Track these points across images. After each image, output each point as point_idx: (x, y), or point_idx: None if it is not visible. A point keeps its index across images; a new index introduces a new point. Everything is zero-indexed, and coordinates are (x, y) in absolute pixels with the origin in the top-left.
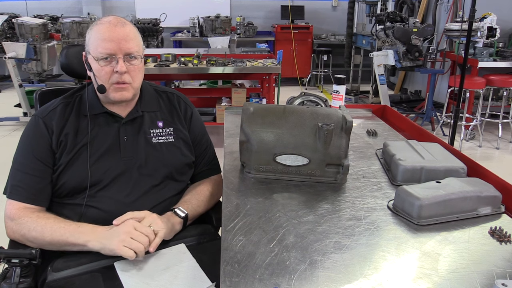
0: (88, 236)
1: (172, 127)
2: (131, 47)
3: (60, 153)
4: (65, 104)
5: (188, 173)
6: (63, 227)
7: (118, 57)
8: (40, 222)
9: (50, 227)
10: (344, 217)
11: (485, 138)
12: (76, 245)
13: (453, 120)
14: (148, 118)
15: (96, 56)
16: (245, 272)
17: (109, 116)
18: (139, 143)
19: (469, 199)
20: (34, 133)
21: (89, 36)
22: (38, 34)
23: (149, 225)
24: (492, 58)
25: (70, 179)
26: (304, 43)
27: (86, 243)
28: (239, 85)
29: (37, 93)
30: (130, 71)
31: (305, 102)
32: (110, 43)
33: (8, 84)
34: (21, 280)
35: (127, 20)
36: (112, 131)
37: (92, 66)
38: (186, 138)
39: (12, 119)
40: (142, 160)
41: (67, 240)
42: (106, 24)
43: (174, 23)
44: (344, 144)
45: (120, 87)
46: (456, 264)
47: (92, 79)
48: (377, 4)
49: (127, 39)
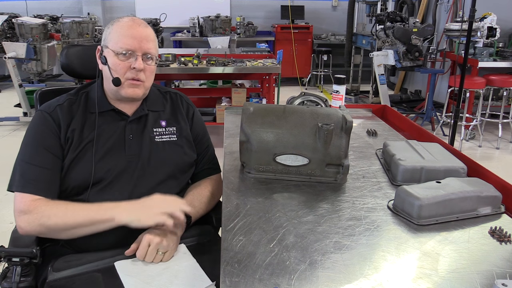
0: (113, 210)
1: (175, 126)
2: (151, 48)
3: (67, 149)
4: (72, 101)
5: (189, 172)
6: (85, 207)
7: (137, 54)
8: (60, 207)
9: (72, 210)
10: (344, 217)
11: (485, 138)
12: (102, 222)
13: (453, 120)
14: (152, 117)
15: (116, 50)
16: (245, 272)
17: (116, 114)
18: (144, 141)
19: (469, 199)
20: (42, 126)
21: (110, 31)
22: (38, 34)
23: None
24: (492, 58)
25: (76, 176)
26: (304, 43)
27: (114, 217)
28: (239, 85)
29: (37, 93)
30: (145, 71)
31: (305, 102)
32: (132, 40)
33: (8, 84)
34: (21, 279)
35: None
36: (118, 128)
37: (108, 59)
38: (188, 136)
39: (12, 119)
40: (146, 159)
41: (93, 218)
42: (130, 22)
43: (174, 23)
44: (344, 144)
45: (134, 84)
46: (456, 264)
47: (104, 73)
48: (377, 4)
49: (148, 39)
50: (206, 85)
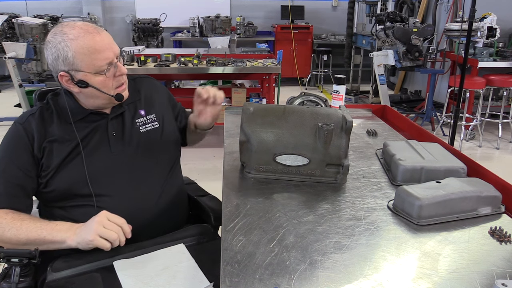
0: (66, 233)
1: (153, 113)
2: (117, 47)
3: (47, 158)
4: (44, 109)
5: (177, 144)
6: (40, 226)
7: (115, 61)
8: (15, 223)
9: (25, 228)
10: (344, 217)
11: (485, 138)
12: (54, 243)
13: (453, 120)
14: (131, 109)
15: (96, 70)
16: (245, 272)
17: (94, 115)
18: (128, 135)
19: (469, 199)
20: (13, 140)
21: (70, 54)
22: (38, 34)
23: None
24: (492, 58)
25: (63, 182)
26: (304, 43)
27: (65, 240)
28: (239, 85)
29: (37, 93)
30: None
31: (305, 102)
32: (106, 52)
33: (8, 84)
34: (20, 279)
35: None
36: (100, 128)
37: (90, 82)
38: (170, 118)
39: (12, 119)
40: (134, 151)
41: (45, 238)
42: (87, 36)
43: (174, 23)
44: (344, 144)
45: (123, 88)
46: (456, 264)
47: (86, 93)
48: (377, 4)
49: (111, 40)
50: (206, 85)
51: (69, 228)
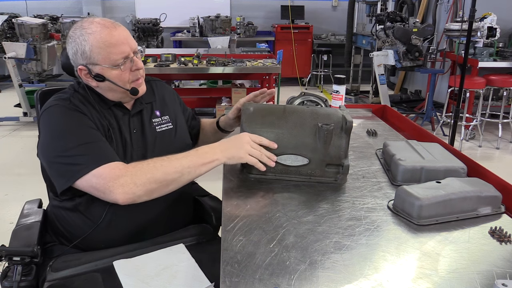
0: (212, 153)
1: (167, 115)
2: (135, 42)
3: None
4: (74, 96)
5: (189, 146)
6: (183, 156)
7: (131, 56)
8: (156, 162)
9: (174, 159)
10: (344, 217)
11: (485, 138)
12: (205, 165)
13: (453, 120)
14: (148, 109)
15: (113, 63)
16: (245, 272)
17: (118, 108)
18: (146, 134)
19: (469, 199)
20: (69, 111)
21: (88, 48)
22: (38, 34)
23: None
24: (492, 58)
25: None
26: (304, 43)
27: (215, 158)
28: (239, 85)
29: (38, 93)
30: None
31: (305, 102)
32: (121, 46)
33: (8, 84)
34: (22, 278)
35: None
36: (124, 124)
37: (108, 76)
38: (181, 121)
39: (12, 119)
40: (151, 151)
41: (197, 162)
42: (104, 30)
43: (174, 23)
44: (344, 144)
45: (139, 83)
46: (456, 264)
47: (103, 86)
48: (377, 4)
49: (129, 36)
50: (206, 85)
51: (212, 148)
